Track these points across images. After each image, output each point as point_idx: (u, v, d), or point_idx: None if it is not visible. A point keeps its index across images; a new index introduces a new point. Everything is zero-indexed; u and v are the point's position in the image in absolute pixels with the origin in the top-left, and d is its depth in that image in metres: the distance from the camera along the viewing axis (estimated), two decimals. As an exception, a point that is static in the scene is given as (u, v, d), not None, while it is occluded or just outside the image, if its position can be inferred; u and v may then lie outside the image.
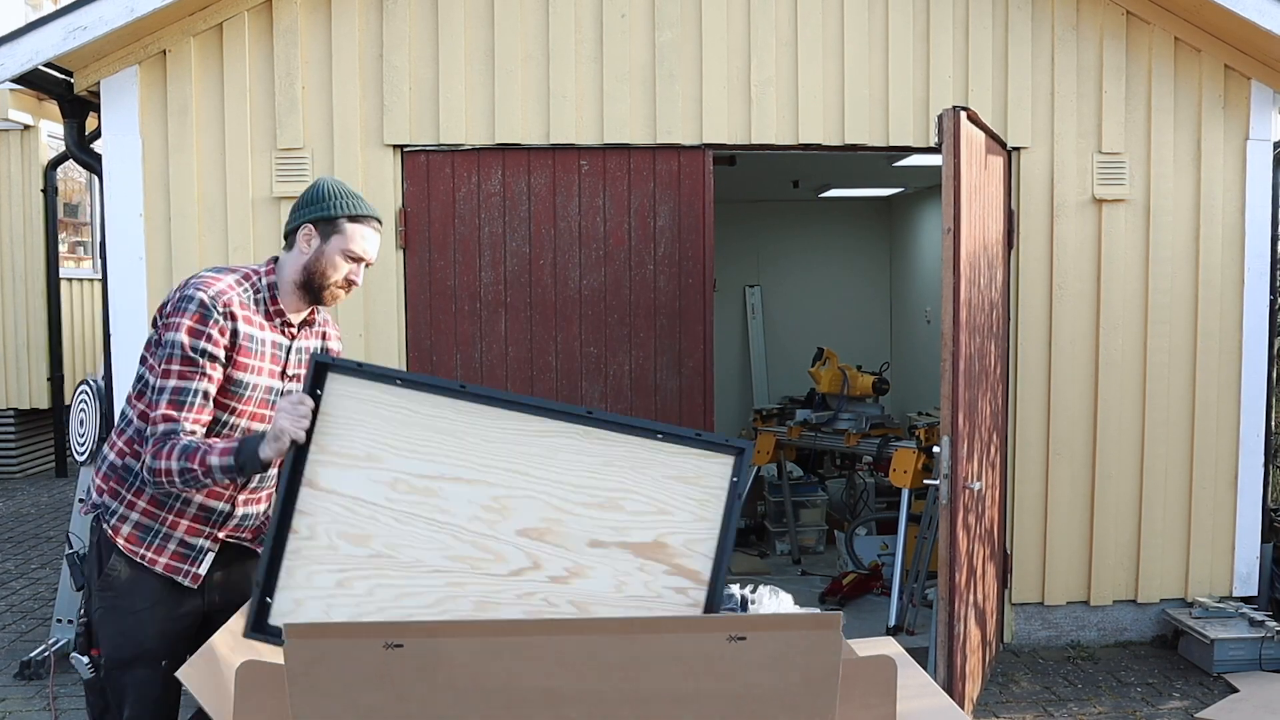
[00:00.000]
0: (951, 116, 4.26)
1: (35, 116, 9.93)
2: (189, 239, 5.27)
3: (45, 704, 5.03)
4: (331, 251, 2.94)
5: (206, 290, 2.80)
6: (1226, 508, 5.83)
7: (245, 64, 5.25)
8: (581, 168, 5.45)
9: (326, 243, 2.94)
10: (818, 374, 7.38)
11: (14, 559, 7.63)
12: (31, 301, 10.16)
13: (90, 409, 5.62)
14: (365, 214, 2.97)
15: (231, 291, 2.86)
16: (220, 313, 2.79)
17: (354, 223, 2.94)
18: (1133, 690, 5.25)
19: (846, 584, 6.55)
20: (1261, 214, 5.76)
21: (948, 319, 4.28)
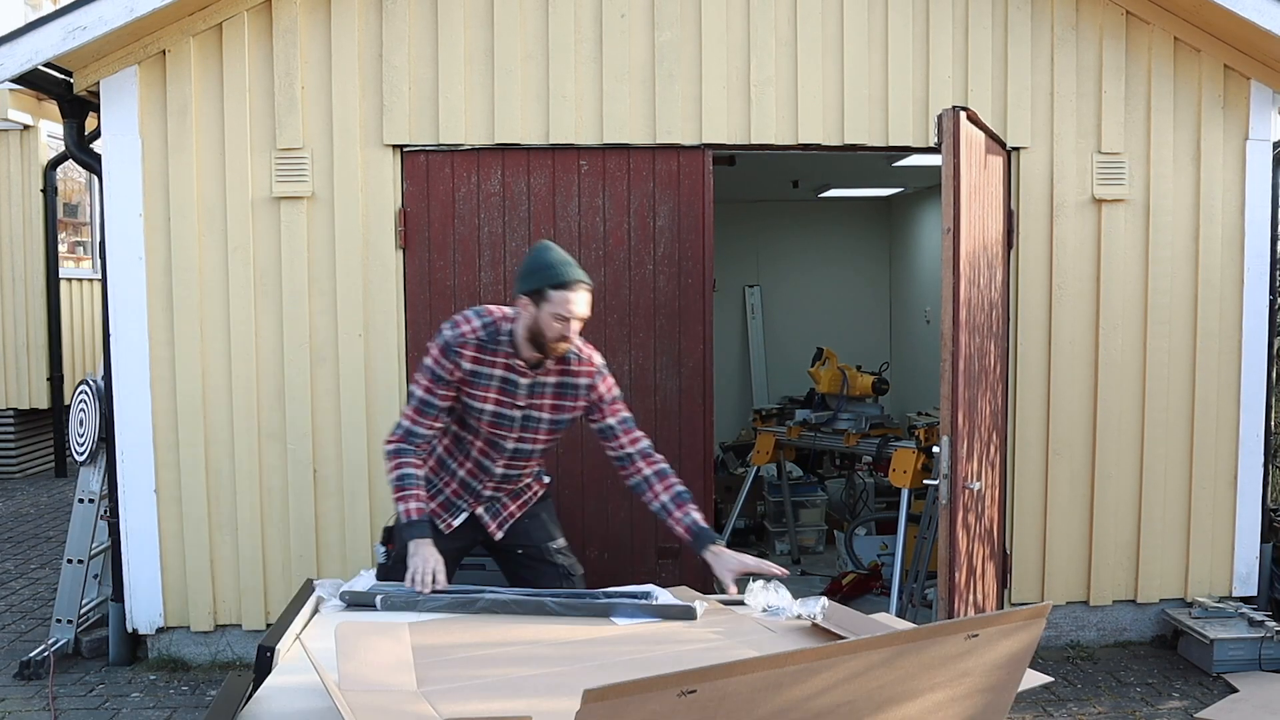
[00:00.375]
0: (951, 116, 4.26)
1: (35, 116, 9.93)
2: (188, 239, 5.28)
3: (45, 704, 5.03)
4: (545, 316, 3.57)
5: (454, 331, 3.67)
6: (1226, 507, 5.83)
7: (245, 64, 5.25)
8: (581, 168, 5.45)
9: (539, 310, 3.57)
10: (817, 374, 7.37)
11: (13, 559, 7.63)
12: (31, 301, 10.16)
13: (90, 409, 5.62)
14: (569, 280, 3.55)
15: (472, 336, 3.66)
16: (455, 352, 3.65)
17: (557, 290, 3.55)
18: (1132, 690, 5.25)
19: (846, 584, 6.55)
20: (1261, 214, 5.76)
21: (947, 319, 4.28)
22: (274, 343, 5.35)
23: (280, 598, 5.41)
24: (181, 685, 5.25)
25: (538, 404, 3.75)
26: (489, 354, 3.66)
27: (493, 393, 3.71)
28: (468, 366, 3.66)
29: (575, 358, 3.74)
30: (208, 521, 5.39)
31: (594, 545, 5.57)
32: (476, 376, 3.68)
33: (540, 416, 3.77)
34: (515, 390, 3.72)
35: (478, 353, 3.66)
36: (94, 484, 5.66)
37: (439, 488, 3.91)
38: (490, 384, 3.70)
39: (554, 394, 3.76)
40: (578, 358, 3.75)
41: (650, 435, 5.47)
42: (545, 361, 3.69)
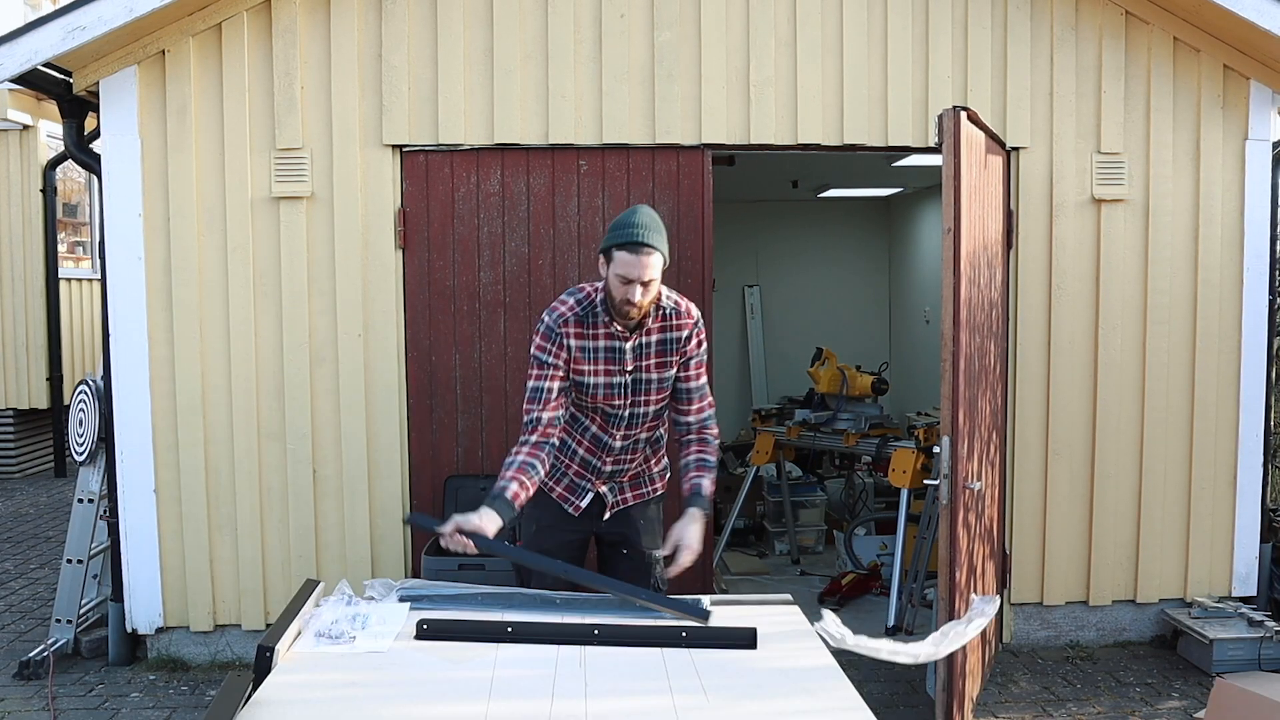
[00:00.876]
0: (951, 116, 4.26)
1: (34, 116, 9.93)
2: (188, 239, 5.28)
3: (45, 704, 5.03)
4: (612, 278, 3.57)
5: (552, 314, 3.68)
6: (1225, 507, 5.83)
7: (244, 64, 5.25)
8: (580, 168, 5.45)
9: (609, 270, 3.57)
10: (817, 374, 7.38)
11: (13, 559, 7.63)
12: (30, 301, 10.16)
13: (89, 409, 5.61)
14: (633, 240, 3.50)
15: (570, 313, 3.67)
16: (557, 334, 3.66)
17: (620, 250, 3.52)
18: (1131, 690, 5.25)
19: (845, 584, 6.55)
20: (1260, 214, 5.77)
21: (948, 318, 4.28)
22: (273, 343, 5.35)
23: (280, 598, 5.41)
24: (181, 685, 5.25)
25: (645, 365, 3.74)
26: (590, 327, 3.67)
27: (600, 364, 3.72)
28: (574, 344, 3.67)
29: (674, 311, 3.73)
30: (207, 521, 5.39)
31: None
32: (583, 352, 3.69)
33: (649, 378, 3.76)
34: (621, 356, 3.71)
35: (579, 328, 3.67)
36: (93, 484, 5.66)
37: (562, 471, 3.90)
38: (597, 356, 3.71)
39: (658, 351, 3.74)
40: (676, 311, 3.73)
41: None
42: (645, 321, 3.68)
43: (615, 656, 2.95)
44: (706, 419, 3.85)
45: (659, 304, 3.70)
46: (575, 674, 2.81)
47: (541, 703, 2.62)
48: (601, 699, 2.66)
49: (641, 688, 2.72)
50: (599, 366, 3.72)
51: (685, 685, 2.73)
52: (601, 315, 3.67)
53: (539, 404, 3.69)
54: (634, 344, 3.71)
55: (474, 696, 2.66)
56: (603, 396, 3.75)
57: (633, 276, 3.52)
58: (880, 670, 5.47)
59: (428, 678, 2.81)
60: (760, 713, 2.59)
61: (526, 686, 2.73)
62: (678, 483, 3.83)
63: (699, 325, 3.78)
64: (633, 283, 3.53)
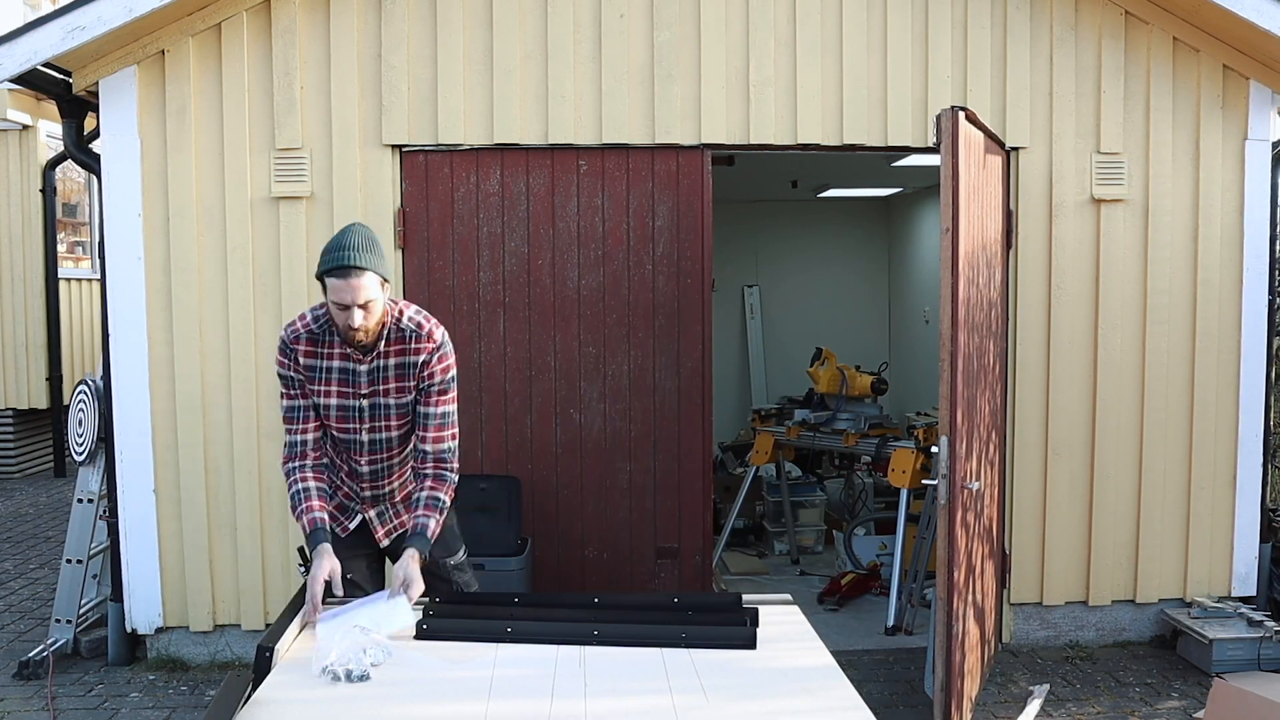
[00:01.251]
0: (950, 116, 4.26)
1: (34, 116, 9.93)
2: (187, 239, 5.28)
3: (44, 704, 5.03)
4: (330, 304, 3.42)
5: (287, 330, 3.56)
6: (1225, 507, 5.83)
7: (244, 64, 5.25)
8: (580, 168, 5.45)
9: (326, 297, 3.42)
10: (816, 374, 7.38)
11: (12, 559, 7.62)
12: (30, 301, 10.15)
13: (89, 409, 5.61)
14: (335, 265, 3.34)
15: (303, 330, 3.54)
16: (290, 349, 3.54)
17: (329, 275, 3.37)
18: (1131, 690, 5.25)
19: (845, 584, 6.55)
20: (1260, 214, 5.76)
21: (946, 318, 4.28)
22: (273, 342, 5.32)
23: (279, 597, 5.41)
24: (180, 685, 5.25)
25: (382, 389, 3.58)
26: (324, 345, 3.54)
27: (334, 385, 3.58)
28: (304, 361, 3.55)
29: (413, 333, 3.54)
30: (207, 521, 5.39)
31: (592, 545, 5.58)
32: (314, 372, 3.56)
33: (387, 403, 3.60)
34: (356, 379, 3.57)
35: (310, 345, 3.54)
36: (93, 484, 5.66)
37: (331, 492, 3.77)
38: (330, 377, 3.57)
39: (396, 375, 3.57)
40: (416, 334, 3.54)
41: (649, 435, 5.53)
42: (378, 344, 3.52)
43: (614, 656, 2.95)
44: (445, 451, 3.62)
45: (399, 324, 3.54)
46: (575, 674, 2.81)
47: (541, 703, 2.62)
48: (601, 699, 2.66)
49: (641, 688, 2.73)
50: (332, 388, 3.58)
51: (685, 685, 2.73)
52: (337, 334, 3.52)
53: (297, 424, 3.61)
54: (370, 366, 3.56)
55: (474, 696, 2.66)
56: (335, 419, 3.62)
57: (346, 301, 3.35)
58: (879, 670, 5.47)
59: (428, 678, 2.81)
60: (760, 712, 2.59)
61: (526, 686, 2.73)
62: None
63: (441, 349, 3.58)
64: (349, 307, 3.37)
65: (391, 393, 3.59)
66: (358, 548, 3.79)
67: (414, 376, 3.57)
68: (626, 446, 5.55)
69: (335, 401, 3.59)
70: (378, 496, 3.79)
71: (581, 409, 5.50)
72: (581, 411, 5.50)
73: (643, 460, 5.56)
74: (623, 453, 5.55)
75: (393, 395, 3.59)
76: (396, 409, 3.61)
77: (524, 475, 5.52)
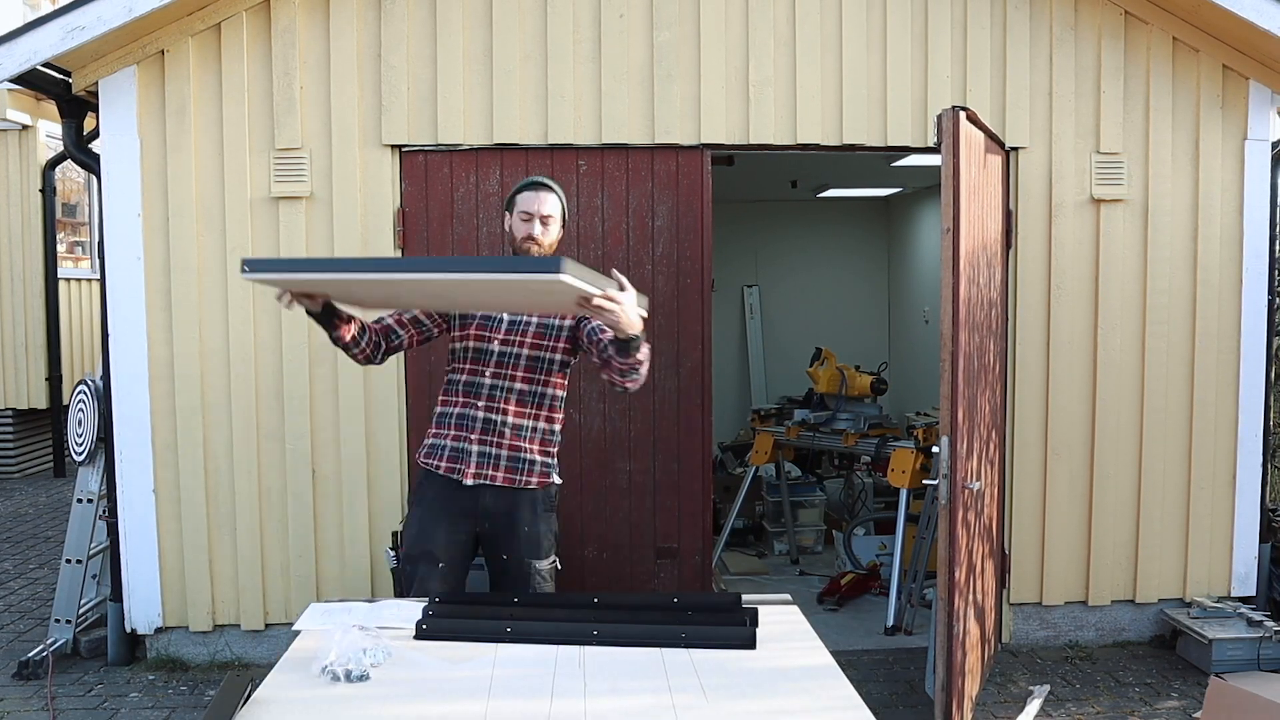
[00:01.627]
0: (950, 116, 4.26)
1: (33, 116, 9.93)
2: (187, 239, 5.28)
3: (44, 704, 5.03)
4: (515, 221, 3.81)
5: None
6: (1225, 507, 5.83)
7: (243, 64, 5.25)
8: (579, 168, 5.45)
9: (512, 218, 3.83)
10: (816, 374, 7.38)
11: (12, 559, 7.62)
12: (30, 301, 10.15)
13: (88, 409, 5.61)
14: (529, 182, 3.84)
15: None
16: None
17: (520, 193, 3.82)
18: (1131, 690, 5.25)
19: (844, 584, 6.55)
20: (1259, 214, 5.77)
21: (947, 318, 4.28)
22: (273, 343, 5.35)
23: (279, 597, 5.41)
24: (180, 685, 5.25)
25: (518, 339, 3.82)
26: None
27: (473, 328, 3.83)
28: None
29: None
30: (206, 521, 5.39)
31: (591, 545, 5.58)
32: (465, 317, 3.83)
33: (518, 353, 3.81)
34: (496, 325, 3.82)
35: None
36: (93, 484, 5.66)
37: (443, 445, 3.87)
38: (471, 318, 3.83)
39: (536, 332, 3.82)
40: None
41: (649, 435, 5.54)
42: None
43: (614, 656, 2.95)
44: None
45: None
46: (574, 674, 2.81)
47: (541, 703, 2.62)
48: (600, 698, 2.66)
49: (640, 687, 2.73)
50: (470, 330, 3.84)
51: (684, 685, 2.73)
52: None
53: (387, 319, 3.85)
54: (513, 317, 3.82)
55: (473, 696, 2.66)
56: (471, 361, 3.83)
57: (532, 210, 3.75)
58: (879, 670, 5.47)
59: (427, 677, 2.81)
60: (759, 712, 2.59)
61: (526, 686, 2.73)
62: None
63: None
64: (532, 218, 3.75)
65: (527, 344, 3.81)
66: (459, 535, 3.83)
67: (557, 338, 3.82)
68: (626, 446, 5.55)
69: (472, 344, 3.82)
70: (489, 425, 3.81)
71: (581, 409, 5.50)
72: (581, 411, 5.50)
73: (642, 460, 5.56)
74: (622, 452, 5.56)
75: (527, 347, 3.81)
76: (526, 360, 3.81)
77: (524, 475, 5.51)
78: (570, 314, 3.75)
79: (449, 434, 3.87)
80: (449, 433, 3.87)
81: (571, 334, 3.84)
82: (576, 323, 3.80)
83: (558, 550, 3.96)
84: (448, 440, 3.87)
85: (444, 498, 3.84)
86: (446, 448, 3.86)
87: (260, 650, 5.47)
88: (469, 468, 3.81)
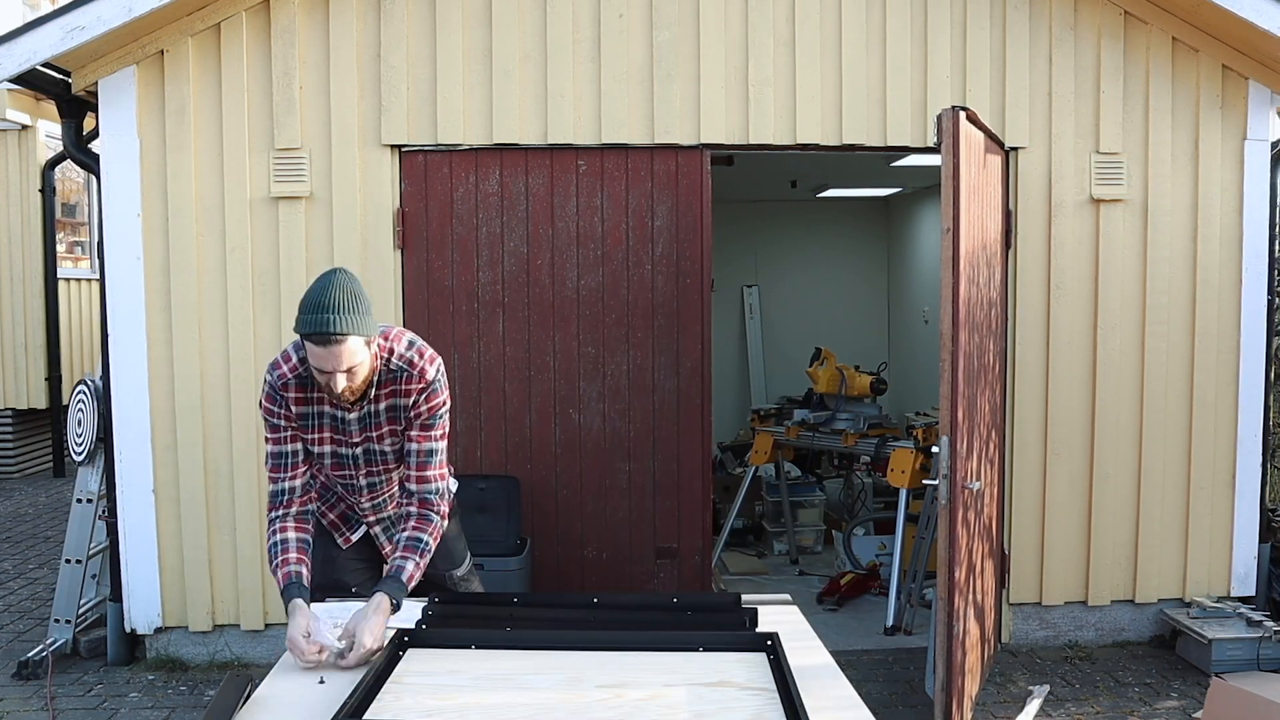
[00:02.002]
0: (950, 116, 4.26)
1: (33, 116, 9.92)
2: (186, 239, 5.27)
3: (43, 704, 5.02)
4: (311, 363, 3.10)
5: (273, 373, 3.25)
6: (1224, 508, 5.83)
7: (243, 64, 5.25)
8: (579, 168, 5.45)
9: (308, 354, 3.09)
10: (815, 374, 7.38)
11: (12, 559, 7.62)
12: (29, 301, 10.15)
13: (88, 409, 5.61)
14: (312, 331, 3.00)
15: (290, 375, 3.24)
16: (279, 396, 3.25)
17: (307, 339, 3.04)
18: (1130, 690, 5.25)
19: (844, 584, 6.55)
20: (1259, 214, 5.77)
21: (947, 318, 4.28)
22: (272, 343, 5.35)
23: (278, 598, 5.39)
24: (180, 685, 5.25)
25: (375, 435, 3.35)
26: (314, 389, 3.25)
27: (326, 432, 3.34)
28: (295, 410, 3.28)
29: (404, 372, 3.27)
30: (206, 521, 5.39)
31: (591, 545, 5.58)
32: (305, 419, 3.30)
33: (382, 449, 3.38)
34: (346, 428, 3.32)
35: (300, 391, 3.25)
36: (92, 484, 5.66)
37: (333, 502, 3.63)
38: (322, 423, 3.33)
39: (389, 419, 3.32)
40: (407, 373, 3.27)
41: (649, 435, 5.53)
42: (368, 393, 3.25)
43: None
44: (431, 492, 3.34)
45: (388, 365, 3.25)
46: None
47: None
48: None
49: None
50: (325, 434, 3.34)
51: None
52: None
53: (286, 471, 3.32)
54: (360, 414, 3.29)
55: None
56: (331, 466, 3.42)
57: (327, 368, 3.04)
58: (878, 670, 5.47)
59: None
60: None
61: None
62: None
63: (433, 386, 3.29)
64: (330, 373, 3.05)
65: (385, 438, 3.36)
66: (361, 559, 3.67)
67: (404, 419, 3.32)
68: (626, 446, 5.56)
69: (329, 449, 3.37)
70: (381, 518, 3.64)
71: (581, 409, 5.50)
72: (581, 411, 5.50)
73: (642, 460, 5.56)
74: (622, 453, 5.55)
75: (387, 440, 3.36)
76: (393, 453, 3.40)
77: (523, 475, 5.52)
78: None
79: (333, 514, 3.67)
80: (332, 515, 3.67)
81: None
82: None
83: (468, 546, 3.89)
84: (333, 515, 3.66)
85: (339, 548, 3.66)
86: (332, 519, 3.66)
87: (260, 650, 5.47)
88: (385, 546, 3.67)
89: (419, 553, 3.26)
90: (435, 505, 3.35)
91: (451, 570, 3.75)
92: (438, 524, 3.35)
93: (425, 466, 3.34)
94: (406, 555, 3.24)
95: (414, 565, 3.23)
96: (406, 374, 3.27)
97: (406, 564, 3.22)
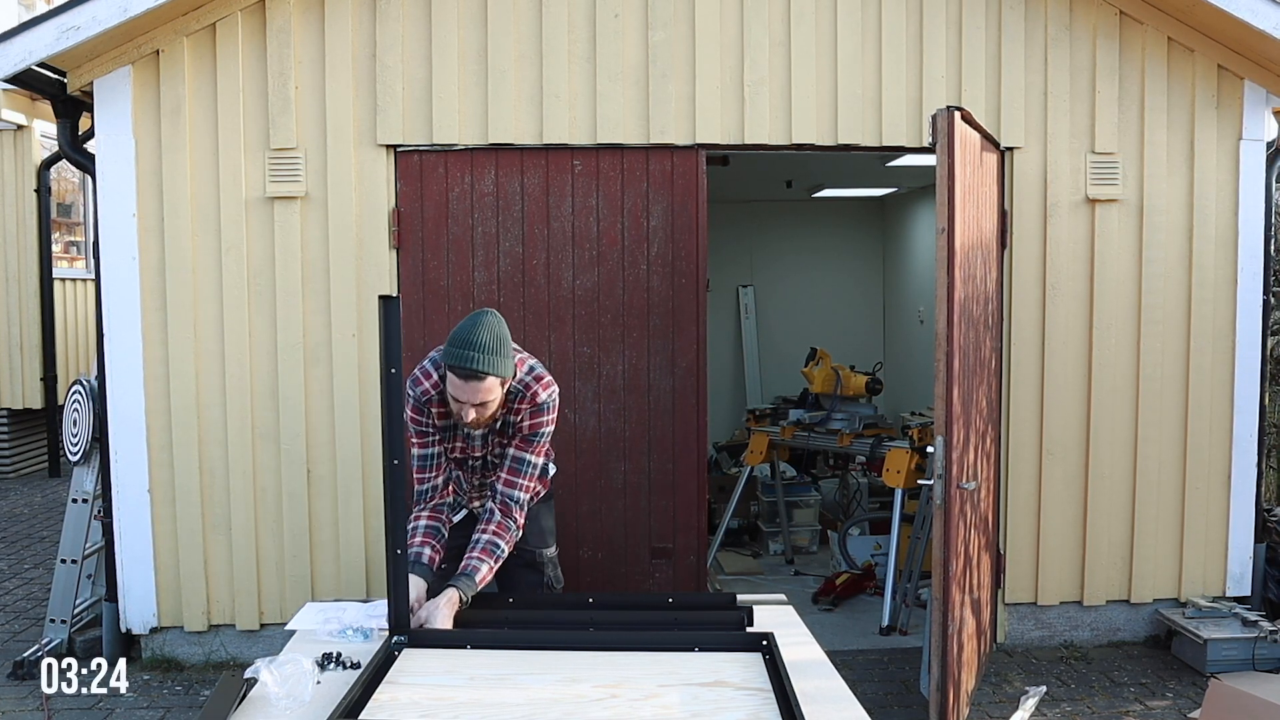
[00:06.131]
0: (946, 116, 4.27)
1: (29, 116, 9.91)
2: (182, 239, 5.27)
3: (38, 704, 5.02)
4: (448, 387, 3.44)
5: (415, 389, 3.60)
6: (1220, 507, 5.83)
7: (238, 64, 5.24)
8: (575, 168, 5.45)
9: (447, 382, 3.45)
10: (811, 374, 7.38)
11: (7, 559, 7.61)
12: (25, 301, 10.14)
13: (83, 409, 5.61)
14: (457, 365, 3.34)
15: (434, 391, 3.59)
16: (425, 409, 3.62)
17: (451, 370, 3.38)
18: (1125, 690, 5.26)
19: (840, 584, 6.55)
20: (1255, 214, 5.77)
21: (942, 318, 4.28)
22: (268, 343, 5.35)
23: (274, 598, 5.40)
24: (175, 685, 5.25)
25: (496, 444, 3.73)
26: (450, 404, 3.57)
27: (459, 441, 3.74)
28: (440, 423, 3.68)
29: (519, 394, 3.61)
30: (202, 521, 5.38)
31: (587, 545, 5.58)
32: (445, 430, 3.71)
33: (503, 453, 3.72)
34: (472, 442, 3.73)
35: (442, 406, 3.62)
36: (88, 484, 5.65)
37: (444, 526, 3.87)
38: (457, 433, 3.73)
39: (503, 433, 3.71)
40: (521, 394, 3.61)
41: (644, 435, 5.53)
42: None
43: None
44: (515, 498, 3.66)
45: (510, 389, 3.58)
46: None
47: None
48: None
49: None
50: (457, 443, 3.75)
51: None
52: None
53: (430, 470, 3.73)
54: (483, 432, 3.71)
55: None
56: (458, 463, 3.82)
57: (463, 399, 3.41)
58: (874, 670, 5.48)
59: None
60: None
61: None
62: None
63: (540, 407, 3.62)
64: (462, 404, 3.42)
65: (506, 445, 3.70)
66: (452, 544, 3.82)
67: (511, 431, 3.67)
68: (621, 446, 5.56)
69: (459, 455, 3.77)
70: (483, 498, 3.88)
71: (576, 409, 5.50)
72: (576, 411, 5.50)
73: (637, 460, 5.56)
74: (617, 453, 5.56)
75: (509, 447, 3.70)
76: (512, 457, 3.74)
77: (519, 475, 5.50)
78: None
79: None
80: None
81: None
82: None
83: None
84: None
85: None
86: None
87: (255, 650, 5.47)
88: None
89: (494, 557, 3.55)
90: (515, 513, 3.64)
91: (542, 549, 3.97)
92: (514, 533, 3.65)
93: (516, 474, 3.66)
94: (483, 558, 3.51)
95: (488, 569, 3.51)
96: (521, 395, 3.60)
97: (482, 566, 3.49)
